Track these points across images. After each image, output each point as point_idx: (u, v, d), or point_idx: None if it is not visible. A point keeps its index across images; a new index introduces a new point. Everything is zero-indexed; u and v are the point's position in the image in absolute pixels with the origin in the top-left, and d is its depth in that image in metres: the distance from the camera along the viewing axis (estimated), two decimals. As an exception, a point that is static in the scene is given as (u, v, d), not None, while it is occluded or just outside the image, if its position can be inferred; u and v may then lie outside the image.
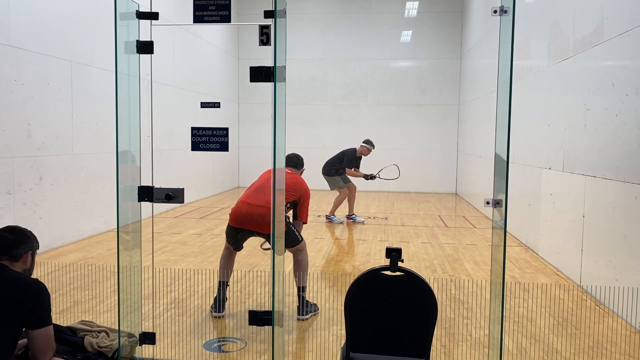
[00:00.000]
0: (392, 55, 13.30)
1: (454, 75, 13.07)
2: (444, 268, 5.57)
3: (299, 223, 4.26)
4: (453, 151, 13.22)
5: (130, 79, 2.69)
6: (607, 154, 4.36)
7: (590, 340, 3.62)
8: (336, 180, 8.51)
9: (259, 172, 4.41)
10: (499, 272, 2.46)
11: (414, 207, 10.54)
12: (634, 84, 3.95)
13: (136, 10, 2.67)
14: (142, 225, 2.85)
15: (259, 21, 2.46)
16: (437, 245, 6.69)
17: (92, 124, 6.80)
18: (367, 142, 8.60)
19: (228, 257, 4.11)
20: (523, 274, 5.37)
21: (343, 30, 13.34)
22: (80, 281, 4.69)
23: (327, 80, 13.49)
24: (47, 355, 2.36)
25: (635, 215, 3.89)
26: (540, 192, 6.05)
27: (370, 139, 8.70)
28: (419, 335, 2.21)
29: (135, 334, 2.88)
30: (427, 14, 13.04)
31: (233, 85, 13.38)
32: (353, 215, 8.55)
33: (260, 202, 3.92)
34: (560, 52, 5.56)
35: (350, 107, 13.47)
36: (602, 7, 4.54)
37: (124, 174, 2.73)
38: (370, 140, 8.66)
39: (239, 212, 3.99)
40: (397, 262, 2.18)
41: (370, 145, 8.58)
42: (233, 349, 3.39)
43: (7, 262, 2.40)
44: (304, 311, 3.93)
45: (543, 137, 6.00)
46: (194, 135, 2.64)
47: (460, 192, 12.74)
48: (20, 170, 5.56)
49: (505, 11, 2.33)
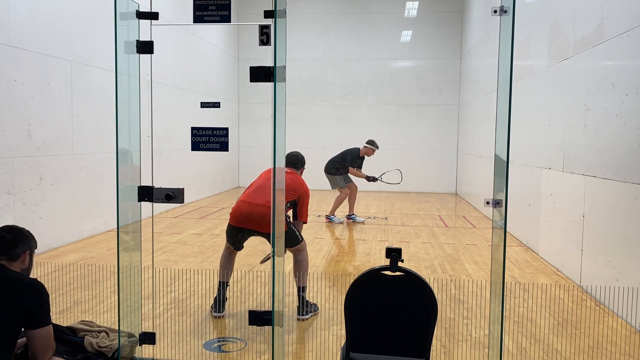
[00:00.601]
0: (392, 55, 13.30)
1: (454, 75, 13.07)
2: (444, 268, 5.57)
3: (299, 223, 4.26)
4: (453, 151, 13.22)
5: (130, 79, 2.69)
6: (607, 154, 4.36)
7: (590, 340, 3.62)
8: (337, 180, 8.50)
9: (259, 172, 4.41)
10: (499, 272, 2.46)
11: (414, 207, 10.54)
12: (634, 84, 3.95)
13: (136, 10, 2.67)
14: (142, 225, 2.85)
15: (259, 21, 2.46)
16: (437, 245, 6.69)
17: (92, 124, 6.80)
18: (371, 143, 8.56)
19: (228, 257, 4.12)
20: (523, 274, 5.37)
21: (343, 30, 13.34)
22: (80, 281, 4.69)
23: (327, 80, 13.49)
24: (47, 355, 2.36)
25: (635, 215, 3.88)
26: (540, 192, 6.05)
27: (373, 140, 8.66)
28: (419, 335, 2.21)
29: (135, 334, 2.88)
30: (427, 14, 13.04)
31: (233, 85, 13.38)
32: (353, 215, 8.54)
33: (260, 202, 3.92)
34: (560, 52, 5.55)
35: (350, 107, 13.47)
36: (602, 7, 4.54)
37: (124, 174, 2.73)
38: (373, 140, 8.62)
39: (239, 212, 3.99)
40: (397, 262, 2.18)
41: (373, 146, 8.54)
42: (233, 349, 3.39)
43: (5, 262, 2.40)
44: (304, 311, 3.93)
45: (543, 137, 5.99)
46: (194, 135, 2.64)
47: (460, 192, 12.74)
48: (20, 170, 5.56)
49: (505, 11, 2.33)
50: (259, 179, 4.20)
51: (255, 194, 4.01)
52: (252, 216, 3.91)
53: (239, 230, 4.02)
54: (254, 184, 4.16)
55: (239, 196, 4.19)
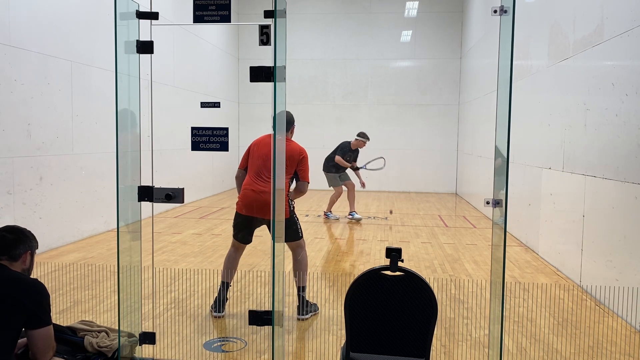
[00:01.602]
0: (392, 55, 13.30)
1: (454, 75, 13.07)
2: (444, 268, 5.57)
3: (304, 184, 4.07)
4: (453, 151, 13.22)
5: (130, 79, 2.69)
6: (607, 154, 4.36)
7: (590, 340, 3.62)
8: (332, 177, 8.61)
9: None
10: (499, 272, 2.46)
11: (414, 207, 10.54)
12: (634, 84, 3.95)
13: (136, 10, 2.67)
14: (142, 225, 2.85)
15: (259, 21, 2.46)
16: (437, 245, 6.69)
17: (92, 124, 6.80)
18: (361, 135, 8.69)
19: (233, 257, 4.07)
20: (523, 274, 5.37)
21: (343, 30, 13.34)
22: (80, 281, 4.69)
23: (327, 80, 13.49)
24: (48, 355, 2.36)
25: (635, 215, 3.88)
26: (540, 192, 6.05)
27: (364, 132, 8.78)
28: (419, 335, 2.21)
29: (135, 334, 2.88)
30: (427, 14, 13.04)
31: (233, 85, 13.38)
32: (353, 212, 8.60)
33: (264, 188, 3.90)
34: (560, 52, 5.55)
35: (350, 107, 13.47)
36: (602, 7, 4.54)
37: (124, 174, 2.73)
38: (363, 132, 8.76)
39: (246, 200, 3.96)
40: (397, 262, 2.18)
41: (364, 138, 8.66)
42: (233, 349, 3.39)
43: (7, 262, 2.40)
44: (304, 311, 3.93)
45: (543, 137, 5.99)
46: (194, 135, 2.64)
47: (460, 192, 12.73)
48: (20, 170, 5.56)
49: (505, 11, 2.33)
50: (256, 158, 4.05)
51: (257, 180, 3.97)
52: (258, 204, 3.88)
53: (249, 220, 3.97)
54: (254, 167, 4.03)
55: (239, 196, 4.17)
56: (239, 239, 4.05)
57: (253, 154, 4.09)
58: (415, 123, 13.28)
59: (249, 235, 4.06)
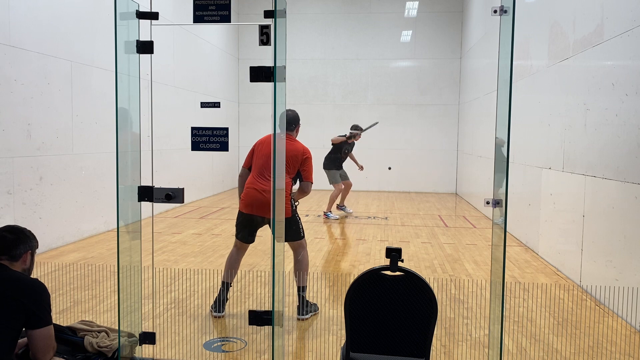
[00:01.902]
0: (392, 55, 13.29)
1: (454, 75, 13.06)
2: (444, 268, 5.57)
3: (307, 184, 4.05)
4: (453, 151, 13.22)
5: (130, 79, 2.70)
6: (607, 154, 4.36)
7: (590, 340, 3.62)
8: (333, 174, 8.85)
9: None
10: (499, 272, 2.46)
11: (414, 207, 10.54)
12: (634, 84, 3.95)
13: (136, 10, 2.67)
14: (142, 225, 2.85)
15: (259, 21, 2.46)
16: (437, 245, 6.69)
17: (92, 124, 6.80)
18: (355, 127, 8.97)
19: (235, 258, 4.06)
20: (523, 274, 5.37)
21: (343, 30, 13.34)
22: (80, 281, 4.70)
23: (327, 80, 13.49)
24: (48, 355, 2.36)
25: (635, 215, 3.89)
26: (540, 192, 6.05)
27: (357, 124, 9.10)
28: (419, 335, 2.21)
29: (135, 334, 2.88)
30: (427, 14, 13.04)
31: (233, 85, 13.38)
32: (343, 206, 9.09)
33: (266, 187, 3.89)
34: (560, 52, 5.56)
35: (350, 107, 13.47)
36: (602, 7, 4.54)
37: (124, 174, 2.73)
38: (357, 125, 9.06)
39: (248, 198, 3.95)
40: (397, 262, 2.18)
41: (356, 130, 8.93)
42: (233, 349, 3.39)
43: (7, 262, 2.40)
44: (304, 311, 3.93)
45: (543, 137, 5.99)
46: (194, 135, 2.64)
47: (460, 192, 12.73)
48: (20, 170, 5.56)
49: (505, 11, 2.33)
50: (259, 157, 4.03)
51: (260, 179, 3.96)
52: (261, 203, 3.88)
53: (252, 218, 3.97)
54: (257, 166, 4.02)
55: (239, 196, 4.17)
56: (240, 238, 4.05)
57: (257, 152, 4.09)
58: (415, 123, 13.28)
59: (251, 234, 4.05)
